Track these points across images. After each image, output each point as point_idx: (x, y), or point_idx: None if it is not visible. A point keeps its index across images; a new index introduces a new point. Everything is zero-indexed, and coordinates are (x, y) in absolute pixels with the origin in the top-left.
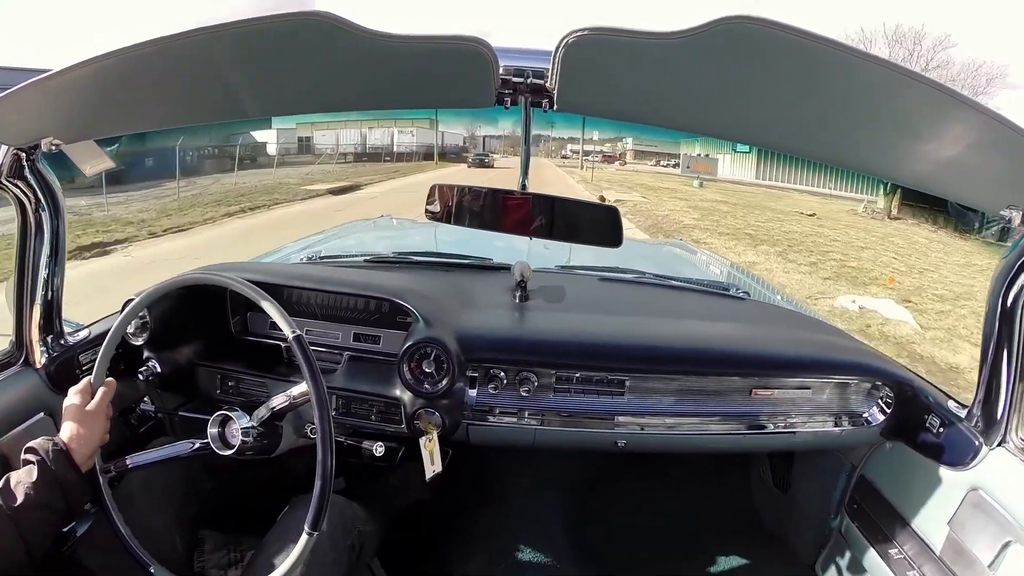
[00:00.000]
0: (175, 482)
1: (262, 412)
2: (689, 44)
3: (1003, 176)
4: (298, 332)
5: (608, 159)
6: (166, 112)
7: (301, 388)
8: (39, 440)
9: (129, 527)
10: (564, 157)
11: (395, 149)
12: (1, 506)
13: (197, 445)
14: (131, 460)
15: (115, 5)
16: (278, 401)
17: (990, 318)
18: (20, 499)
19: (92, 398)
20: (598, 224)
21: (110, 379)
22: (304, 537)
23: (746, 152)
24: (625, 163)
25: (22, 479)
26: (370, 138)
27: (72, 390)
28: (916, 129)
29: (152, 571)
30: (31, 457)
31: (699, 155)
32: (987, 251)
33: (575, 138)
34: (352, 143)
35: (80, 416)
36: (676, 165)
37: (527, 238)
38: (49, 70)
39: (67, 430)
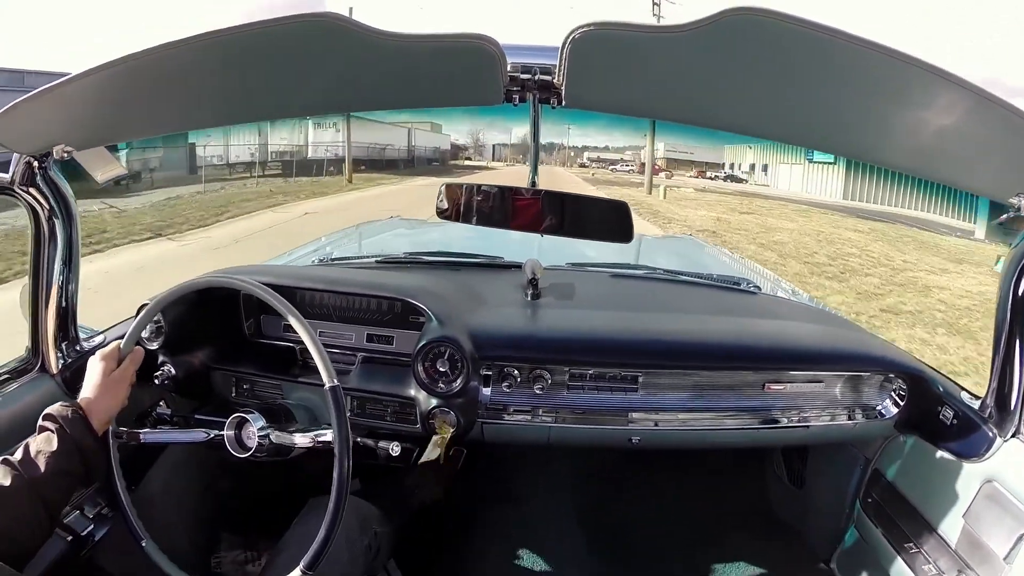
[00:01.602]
0: (194, 483)
1: (284, 438)
2: (694, 37)
3: (1012, 164)
4: (336, 383)
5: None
6: (176, 117)
7: (328, 437)
8: (56, 406)
9: (150, 532)
10: (582, 166)
11: (308, 155)
12: (24, 476)
13: (212, 435)
14: (144, 435)
15: (120, 7)
16: (302, 441)
17: (1001, 308)
18: (42, 469)
19: (118, 365)
20: (608, 220)
21: (138, 347)
22: (297, 573)
23: (829, 162)
24: (672, 175)
25: (42, 448)
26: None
27: (99, 354)
28: (925, 118)
29: (143, 544)
30: (49, 424)
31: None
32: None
33: (590, 146)
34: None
35: (104, 381)
36: (728, 178)
37: (537, 236)
38: (48, 72)
39: (88, 393)
